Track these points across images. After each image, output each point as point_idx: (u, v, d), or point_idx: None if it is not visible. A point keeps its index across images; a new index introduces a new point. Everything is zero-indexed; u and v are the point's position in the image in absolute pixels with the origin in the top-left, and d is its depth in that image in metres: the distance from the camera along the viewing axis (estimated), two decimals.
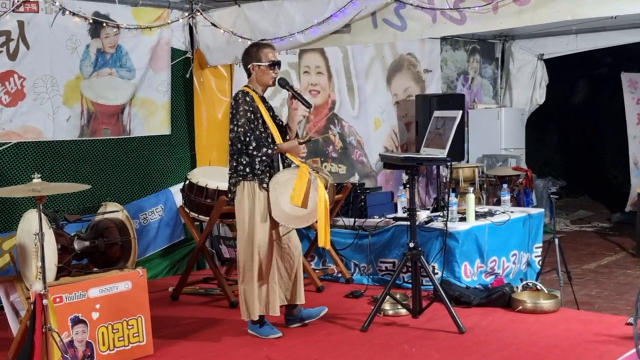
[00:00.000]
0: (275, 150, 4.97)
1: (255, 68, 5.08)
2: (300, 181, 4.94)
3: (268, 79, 5.10)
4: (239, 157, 5.00)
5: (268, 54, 5.10)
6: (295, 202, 4.93)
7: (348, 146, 9.11)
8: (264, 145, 4.93)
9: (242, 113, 4.96)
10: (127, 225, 5.20)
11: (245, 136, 4.93)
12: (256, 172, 4.97)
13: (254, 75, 5.10)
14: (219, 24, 7.12)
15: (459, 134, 8.89)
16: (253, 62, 5.08)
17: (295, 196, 4.93)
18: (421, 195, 9.91)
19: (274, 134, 5.04)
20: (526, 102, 10.99)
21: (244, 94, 5.01)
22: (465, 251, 6.37)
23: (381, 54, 9.46)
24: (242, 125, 4.95)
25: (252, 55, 5.10)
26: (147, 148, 7.24)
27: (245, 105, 4.97)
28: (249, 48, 5.17)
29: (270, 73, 5.09)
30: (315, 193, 4.98)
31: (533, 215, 7.13)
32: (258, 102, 5.02)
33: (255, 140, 4.92)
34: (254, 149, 4.92)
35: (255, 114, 5.00)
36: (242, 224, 5.04)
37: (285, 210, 4.97)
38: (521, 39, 10.84)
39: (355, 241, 6.87)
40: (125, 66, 6.97)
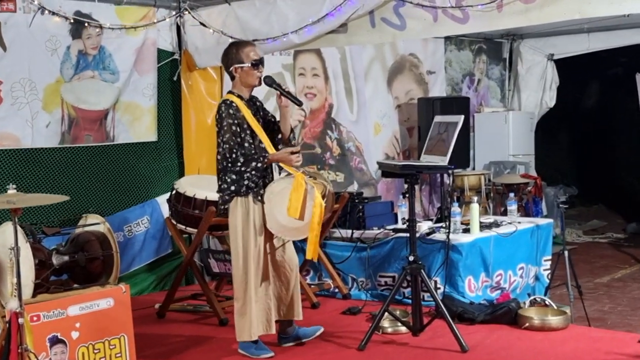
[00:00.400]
0: (265, 161, 4.95)
1: (238, 70, 5.06)
2: (297, 192, 4.92)
3: (253, 79, 5.08)
4: (225, 176, 4.98)
5: (249, 53, 5.07)
6: (293, 214, 4.93)
7: (346, 153, 9.12)
8: (253, 159, 4.91)
9: (227, 128, 4.93)
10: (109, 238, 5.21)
11: (232, 153, 4.90)
12: (249, 185, 4.96)
13: (237, 78, 5.09)
14: (208, 23, 7.13)
15: (464, 139, 8.92)
16: (234, 64, 5.06)
17: (292, 208, 4.92)
18: (424, 205, 9.91)
19: (265, 143, 5.02)
20: (536, 105, 10.99)
21: (227, 106, 4.97)
22: (469, 264, 6.36)
23: (381, 54, 9.47)
24: (227, 141, 4.92)
25: (232, 57, 5.07)
26: (132, 156, 7.24)
27: (229, 119, 4.94)
28: (228, 50, 5.14)
29: (254, 73, 5.07)
30: (312, 202, 4.97)
31: (541, 225, 7.13)
32: (244, 110, 4.99)
33: (243, 156, 4.90)
34: (242, 164, 4.90)
35: (242, 125, 4.97)
36: (235, 238, 5.02)
37: (280, 222, 4.97)
38: (530, 38, 10.85)
39: (352, 254, 6.86)
40: (108, 68, 6.98)
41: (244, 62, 5.04)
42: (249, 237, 4.99)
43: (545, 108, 11.03)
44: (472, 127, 10.44)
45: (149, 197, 7.34)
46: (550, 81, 10.90)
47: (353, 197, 7.19)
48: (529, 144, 10.59)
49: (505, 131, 10.33)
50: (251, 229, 4.98)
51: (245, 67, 5.04)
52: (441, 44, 10.29)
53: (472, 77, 10.84)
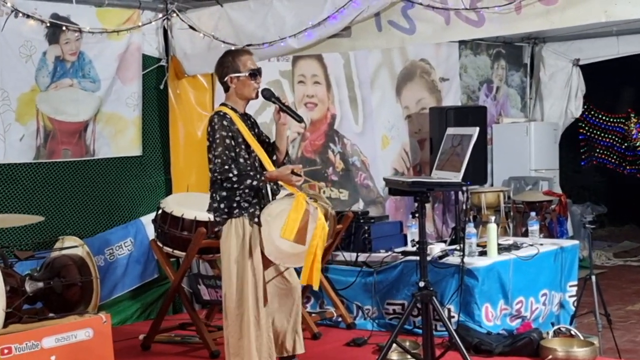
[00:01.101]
0: (262, 180, 4.94)
1: (234, 80, 5.05)
2: (296, 212, 4.90)
3: (250, 91, 5.08)
4: (218, 194, 4.98)
5: (246, 62, 5.07)
6: (287, 236, 4.89)
7: (351, 168, 9.13)
8: (248, 176, 4.89)
9: (220, 141, 4.92)
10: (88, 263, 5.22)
11: (224, 166, 4.90)
12: (242, 205, 4.95)
13: (232, 89, 5.08)
14: (198, 26, 7.17)
15: (480, 153, 8.94)
16: (230, 73, 5.05)
17: (288, 229, 4.88)
18: (437, 225, 9.92)
19: (262, 159, 5.02)
20: (560, 115, 11.02)
21: (220, 117, 4.97)
22: (487, 291, 6.36)
23: (389, 60, 9.50)
24: (219, 156, 4.91)
25: (227, 66, 5.07)
26: (114, 172, 7.26)
27: (222, 131, 4.93)
28: (223, 58, 5.14)
29: (251, 84, 5.06)
30: (314, 225, 4.95)
31: (566, 248, 7.13)
32: (238, 123, 4.99)
33: (237, 172, 4.90)
34: (235, 181, 4.89)
35: (236, 139, 4.96)
36: (228, 265, 4.99)
37: (279, 247, 4.94)
38: (553, 41, 10.89)
39: (357, 279, 6.86)
40: (88, 76, 7.01)
41: (240, 71, 5.04)
42: (245, 264, 4.96)
43: (571, 118, 11.06)
44: (490, 139, 10.46)
45: (132, 217, 7.35)
46: (576, 89, 10.93)
47: (358, 217, 7.19)
48: (552, 157, 10.61)
49: (526, 144, 10.35)
50: (247, 255, 4.95)
51: (242, 77, 5.04)
52: (455, 49, 10.33)
53: (489, 85, 10.87)
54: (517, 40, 11.03)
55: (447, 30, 6.06)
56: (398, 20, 6.23)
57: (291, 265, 5.11)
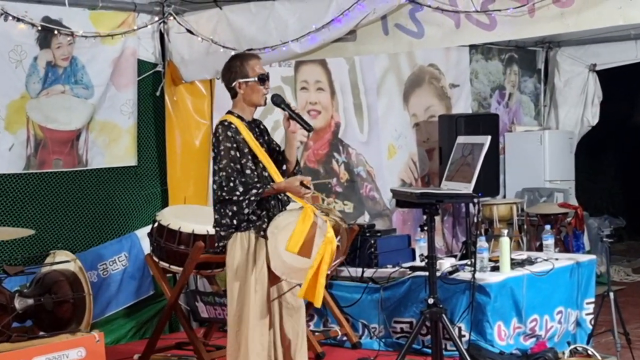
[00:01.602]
0: (267, 190, 4.96)
1: (242, 86, 5.07)
2: (302, 224, 4.90)
3: (259, 97, 5.10)
4: (223, 208, 4.99)
5: (255, 66, 5.09)
6: (291, 249, 4.90)
7: (356, 179, 9.15)
8: (253, 188, 4.92)
9: (224, 153, 4.94)
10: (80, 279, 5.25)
11: (229, 181, 4.90)
12: (250, 219, 4.97)
13: (240, 96, 5.10)
14: (196, 30, 7.20)
15: (492, 163, 8.96)
16: (238, 78, 5.06)
17: (292, 242, 4.88)
18: (447, 239, 9.93)
19: (270, 170, 5.03)
20: (576, 123, 11.02)
21: (224, 127, 4.99)
22: (499, 308, 6.37)
23: (396, 65, 9.53)
24: (224, 168, 4.92)
25: (235, 71, 5.09)
26: (107, 183, 7.28)
27: (227, 142, 4.95)
28: (231, 62, 5.17)
29: (260, 90, 5.08)
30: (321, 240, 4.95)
31: (583, 263, 7.14)
32: (244, 133, 5.00)
33: (242, 185, 4.91)
34: (240, 194, 4.90)
35: (242, 150, 4.98)
36: (233, 280, 4.99)
37: (285, 261, 4.94)
38: (569, 46, 10.91)
39: (363, 296, 6.87)
40: (81, 82, 7.04)
41: (249, 76, 5.05)
42: (249, 281, 4.96)
43: (587, 126, 11.05)
44: (502, 148, 10.46)
45: (127, 231, 7.37)
46: (593, 95, 10.93)
47: (364, 230, 7.21)
48: (568, 168, 10.62)
49: (540, 153, 10.36)
50: (250, 270, 4.95)
51: (251, 82, 5.06)
52: (466, 53, 10.36)
53: (502, 91, 10.89)
54: (531, 45, 11.06)
55: (457, 34, 6.09)
56: (406, 23, 6.26)
57: (297, 281, 5.11)
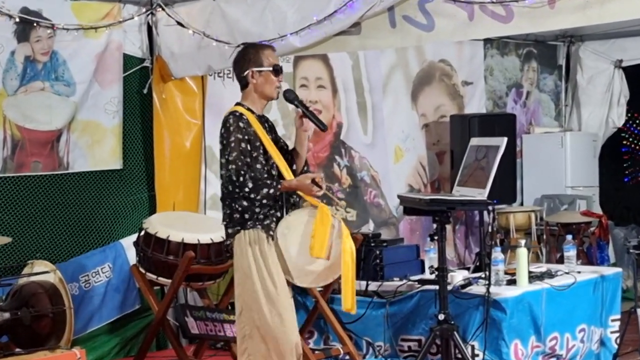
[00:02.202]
0: (280, 188, 5.01)
1: (255, 75, 5.13)
2: (323, 225, 4.97)
3: (272, 89, 5.17)
4: (233, 203, 5.02)
5: (270, 56, 5.18)
6: (317, 253, 4.95)
7: (359, 184, 9.16)
8: (264, 185, 4.96)
9: (235, 144, 4.99)
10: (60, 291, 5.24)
11: (239, 175, 4.95)
12: (258, 217, 5.01)
13: (251, 87, 5.15)
14: (186, 22, 7.20)
15: (508, 167, 8.96)
16: (252, 67, 5.13)
17: (317, 245, 4.94)
18: (459, 250, 9.93)
19: (281, 166, 5.09)
20: (600, 125, 11.02)
21: (236, 118, 5.05)
22: (516, 325, 6.36)
23: (404, 61, 9.54)
24: (234, 161, 4.97)
25: (249, 58, 5.15)
26: (90, 187, 7.28)
27: (238, 134, 5.00)
28: (246, 50, 5.24)
29: (274, 81, 5.16)
30: (339, 242, 5.02)
31: (608, 276, 7.14)
32: (256, 126, 5.06)
33: (252, 180, 4.95)
34: (250, 190, 4.95)
35: (253, 143, 5.03)
36: (245, 283, 5.02)
37: (297, 263, 4.99)
38: (592, 40, 10.91)
39: (368, 312, 6.87)
40: (62, 79, 7.05)
41: (263, 65, 5.13)
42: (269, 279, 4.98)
43: (612, 128, 11.04)
44: (520, 151, 10.47)
45: (111, 240, 7.37)
46: (618, 94, 10.92)
47: (368, 240, 7.20)
48: (591, 173, 10.62)
49: (561, 157, 10.36)
50: (266, 268, 4.99)
51: (265, 71, 5.13)
52: (480, 48, 10.37)
53: (519, 90, 10.90)
54: (551, 39, 11.06)
55: (471, 27, 6.10)
56: (415, 15, 6.26)
57: (309, 285, 5.15)
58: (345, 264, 4.97)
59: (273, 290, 4.98)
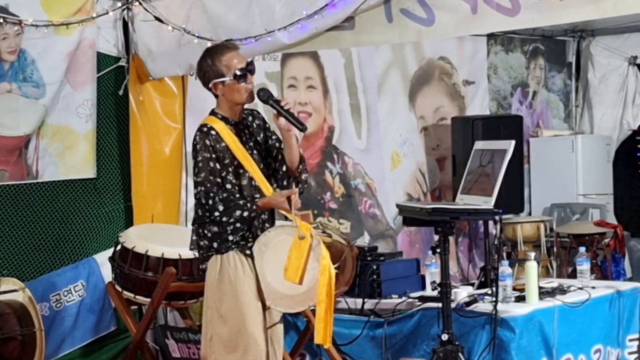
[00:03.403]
0: (256, 208, 4.98)
1: (219, 87, 5.14)
2: (299, 248, 4.95)
3: (240, 96, 5.15)
4: (202, 229, 5.02)
5: (230, 61, 5.14)
6: (291, 278, 4.94)
7: (353, 193, 9.15)
8: (236, 207, 4.93)
9: (202, 164, 4.99)
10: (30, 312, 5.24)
11: (208, 198, 4.94)
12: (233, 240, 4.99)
13: (221, 97, 5.16)
14: (165, 18, 7.19)
15: (515, 173, 8.96)
16: (213, 79, 5.13)
17: (292, 269, 4.93)
18: (462, 264, 9.93)
19: (258, 180, 5.07)
20: (614, 127, 11.03)
21: (203, 134, 5.04)
22: (525, 346, 6.36)
23: (401, 58, 9.55)
24: (202, 182, 4.97)
25: (207, 72, 5.16)
26: (62, 198, 7.27)
27: (205, 152, 5.00)
28: (201, 61, 5.21)
29: (241, 88, 5.14)
30: (316, 265, 5.00)
31: (624, 292, 7.14)
32: (227, 139, 5.04)
33: (223, 202, 4.94)
34: (221, 214, 4.93)
35: (222, 161, 5.02)
36: (217, 308, 5.03)
37: (272, 285, 4.98)
38: (605, 35, 10.93)
39: (364, 332, 6.86)
40: (30, 80, 7.04)
41: (224, 74, 5.11)
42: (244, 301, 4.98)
43: (627, 130, 11.05)
44: (527, 156, 10.49)
45: (84, 255, 7.35)
46: (634, 93, 10.94)
47: (364, 254, 7.21)
48: (605, 179, 10.64)
49: (572, 162, 10.38)
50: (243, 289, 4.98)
51: (228, 81, 5.11)
52: (483, 44, 10.39)
53: (524, 89, 10.92)
54: (560, 34, 11.08)
55: (474, 21, 6.10)
56: (413, 8, 6.27)
57: (283, 310, 5.14)
58: (321, 290, 4.93)
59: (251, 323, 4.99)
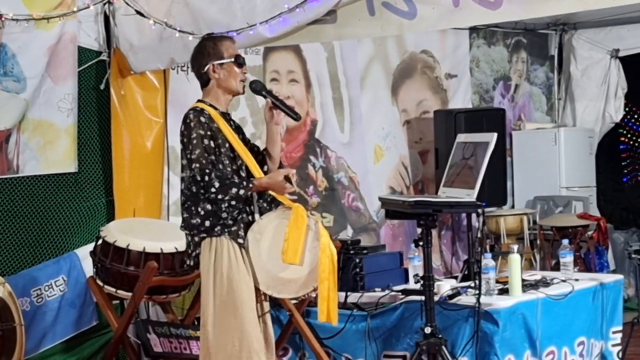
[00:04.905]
0: (252, 187, 4.99)
1: (217, 69, 5.16)
2: (297, 228, 4.97)
3: (237, 82, 5.20)
4: (195, 206, 5.01)
5: (229, 48, 5.23)
6: (291, 259, 4.95)
7: (336, 186, 9.16)
8: (232, 184, 4.95)
9: (197, 141, 4.99)
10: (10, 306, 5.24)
11: (204, 175, 4.94)
12: (226, 222, 4.99)
13: (213, 82, 5.18)
14: (147, 12, 7.18)
15: (498, 167, 8.98)
16: (213, 60, 5.16)
17: (291, 251, 4.95)
18: (445, 257, 9.95)
19: (249, 164, 5.09)
20: (596, 120, 11.06)
21: (196, 113, 5.06)
22: (509, 339, 6.38)
23: (383, 52, 9.56)
24: (197, 159, 4.97)
25: (208, 52, 5.19)
26: (43, 193, 7.25)
27: (200, 129, 5.01)
28: (203, 43, 5.28)
29: (238, 73, 5.20)
30: (316, 244, 5.01)
31: (608, 284, 7.17)
32: (219, 121, 5.07)
33: (219, 180, 4.94)
34: (217, 190, 4.93)
35: (216, 139, 5.04)
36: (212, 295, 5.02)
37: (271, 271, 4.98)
38: (587, 27, 10.94)
39: (347, 326, 6.87)
40: (11, 74, 7.02)
41: (224, 57, 5.17)
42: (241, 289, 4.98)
43: (610, 123, 11.08)
44: (510, 149, 10.50)
45: (66, 250, 7.33)
46: (616, 86, 10.96)
47: (347, 247, 7.22)
48: (588, 172, 10.67)
49: (555, 155, 10.41)
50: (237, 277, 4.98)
51: (227, 63, 5.14)
52: (465, 38, 10.41)
53: (506, 82, 10.94)
54: (542, 27, 11.10)
55: (456, 14, 6.11)
56: (395, 1, 6.27)
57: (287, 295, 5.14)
58: (323, 268, 4.94)
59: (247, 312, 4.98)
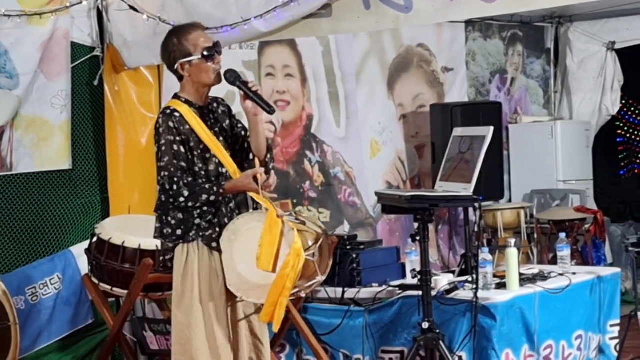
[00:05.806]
0: (223, 192, 4.95)
1: (186, 67, 5.09)
2: (270, 234, 4.92)
3: (209, 76, 5.10)
4: (166, 216, 4.99)
5: (197, 40, 5.10)
6: (264, 266, 4.91)
7: (332, 181, 9.15)
8: (202, 191, 4.90)
9: (165, 148, 4.95)
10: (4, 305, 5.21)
11: (172, 183, 4.90)
12: (201, 226, 4.96)
13: (187, 78, 5.12)
14: (140, 7, 7.17)
15: (495, 160, 8.97)
16: (179, 59, 5.08)
17: (264, 257, 4.90)
18: (442, 252, 9.94)
19: (227, 164, 5.04)
20: (593, 112, 11.06)
21: (165, 117, 5.01)
22: (507, 333, 6.39)
23: (379, 46, 9.54)
24: (166, 167, 4.94)
25: (174, 50, 5.11)
26: (37, 190, 7.24)
27: (169, 135, 4.97)
28: (167, 41, 5.16)
29: (209, 68, 5.09)
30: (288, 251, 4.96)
31: (605, 278, 7.17)
32: (193, 122, 5.01)
33: (188, 187, 4.90)
34: (186, 199, 4.89)
35: (187, 143, 4.99)
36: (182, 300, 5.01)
37: (242, 275, 4.95)
38: (583, 20, 10.93)
39: (345, 321, 6.87)
40: (4, 71, 7.01)
41: (191, 53, 5.07)
42: (193, 301, 4.96)
43: (607, 116, 11.09)
44: (506, 143, 10.49)
45: (60, 248, 7.32)
46: (612, 79, 10.96)
47: (344, 243, 7.21)
48: (584, 165, 10.67)
49: (551, 148, 10.40)
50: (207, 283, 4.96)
51: (195, 60, 5.07)
52: (461, 31, 10.39)
53: (503, 76, 10.93)
54: (538, 20, 11.09)
55: (452, 7, 6.10)
56: None
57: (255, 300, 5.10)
58: (285, 267, 4.87)
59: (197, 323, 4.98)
